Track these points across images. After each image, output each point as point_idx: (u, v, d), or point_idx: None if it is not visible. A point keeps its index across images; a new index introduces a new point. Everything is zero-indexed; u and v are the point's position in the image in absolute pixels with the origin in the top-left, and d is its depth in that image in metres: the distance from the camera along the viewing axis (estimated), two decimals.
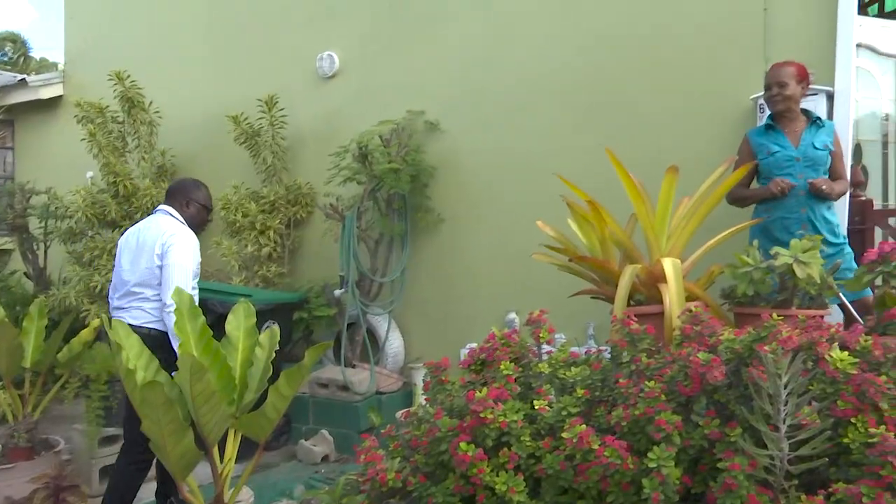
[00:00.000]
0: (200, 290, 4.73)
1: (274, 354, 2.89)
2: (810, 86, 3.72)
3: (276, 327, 2.95)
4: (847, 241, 3.64)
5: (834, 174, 3.63)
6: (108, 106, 6.36)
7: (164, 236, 3.52)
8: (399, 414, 4.56)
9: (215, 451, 2.63)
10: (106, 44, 7.47)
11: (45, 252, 6.64)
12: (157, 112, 6.47)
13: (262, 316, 4.74)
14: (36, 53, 17.14)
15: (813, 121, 3.64)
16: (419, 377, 4.97)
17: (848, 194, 3.83)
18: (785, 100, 3.59)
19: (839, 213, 3.73)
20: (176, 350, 3.02)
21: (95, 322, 4.93)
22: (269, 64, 6.24)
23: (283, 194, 5.86)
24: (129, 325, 3.18)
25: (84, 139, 6.14)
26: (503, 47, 5.16)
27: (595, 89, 4.79)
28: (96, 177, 6.38)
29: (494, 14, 5.21)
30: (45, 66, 16.08)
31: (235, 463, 2.91)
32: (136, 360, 2.64)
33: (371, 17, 5.74)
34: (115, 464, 3.54)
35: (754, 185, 3.75)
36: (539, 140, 4.97)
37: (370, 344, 5.21)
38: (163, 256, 3.48)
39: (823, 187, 3.43)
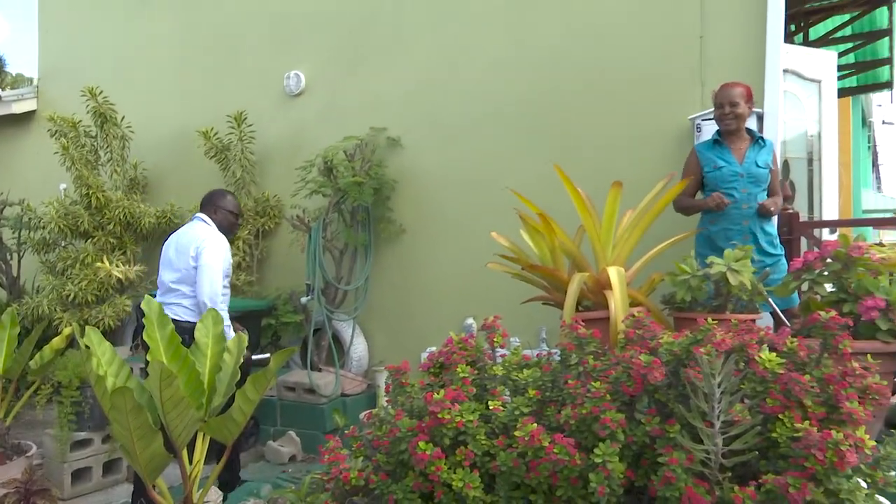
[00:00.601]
0: None
1: (242, 359, 2.86)
2: (752, 105, 3.78)
3: (243, 333, 2.92)
4: (784, 251, 3.73)
5: (772, 190, 3.72)
6: (80, 121, 6.23)
7: (197, 240, 3.85)
8: (362, 415, 4.55)
9: (184, 453, 2.59)
10: (79, 60, 7.33)
11: (19, 262, 6.46)
12: (129, 127, 6.36)
13: (232, 323, 4.70)
14: (12, 69, 16.66)
15: (756, 140, 3.71)
16: (382, 380, 4.95)
17: None
18: (736, 118, 3.66)
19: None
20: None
21: (67, 330, 4.81)
22: (238, 82, 6.19)
23: (251, 206, 5.80)
24: (172, 319, 3.41)
25: (57, 152, 6.00)
26: (459, 70, 5.20)
27: (545, 109, 4.85)
28: (69, 189, 6.23)
29: (450, 39, 5.24)
30: (20, 80, 15.66)
31: (204, 464, 2.86)
32: (108, 366, 2.59)
33: (336, 40, 5.73)
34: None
35: (699, 195, 3.82)
36: (494, 156, 5.01)
37: (335, 349, 5.18)
38: (197, 258, 3.80)
39: (772, 209, 3.54)
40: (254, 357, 4.17)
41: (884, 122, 20.06)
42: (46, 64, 7.80)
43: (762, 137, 3.73)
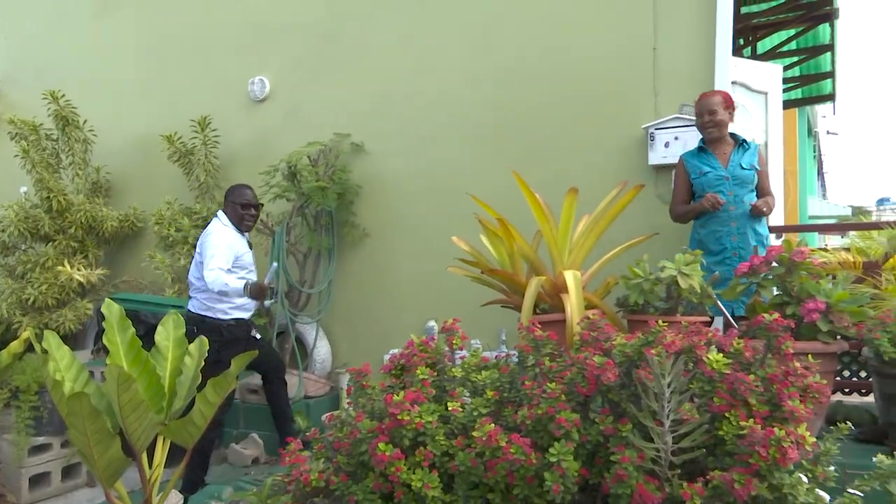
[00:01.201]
0: (132, 301, 4.59)
1: (203, 363, 2.81)
2: (733, 111, 3.80)
3: (204, 337, 2.87)
4: None
5: (762, 191, 3.75)
6: (41, 124, 6.08)
7: (203, 236, 4.09)
8: (324, 417, 4.51)
9: (144, 457, 2.53)
10: (41, 63, 7.13)
11: None
12: (91, 130, 6.23)
13: None
14: None
15: (740, 143, 3.74)
16: (345, 382, 4.92)
17: None
18: (717, 126, 3.69)
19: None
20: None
21: (25, 334, 4.67)
22: (202, 86, 6.10)
23: (215, 210, 5.70)
24: (187, 311, 4.00)
25: (17, 155, 5.84)
26: (423, 77, 5.20)
27: (507, 118, 4.88)
28: (30, 192, 6.07)
29: (415, 47, 5.25)
30: None
31: (165, 468, 2.80)
32: (65, 371, 2.52)
33: (301, 46, 5.69)
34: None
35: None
36: (456, 162, 5.03)
37: (299, 351, 5.12)
38: (201, 253, 4.02)
39: (764, 209, 3.57)
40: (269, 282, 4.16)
41: (828, 133, 20.66)
42: (6, 67, 7.58)
43: (745, 140, 3.75)
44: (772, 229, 4.50)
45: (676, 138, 4.21)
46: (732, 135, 3.78)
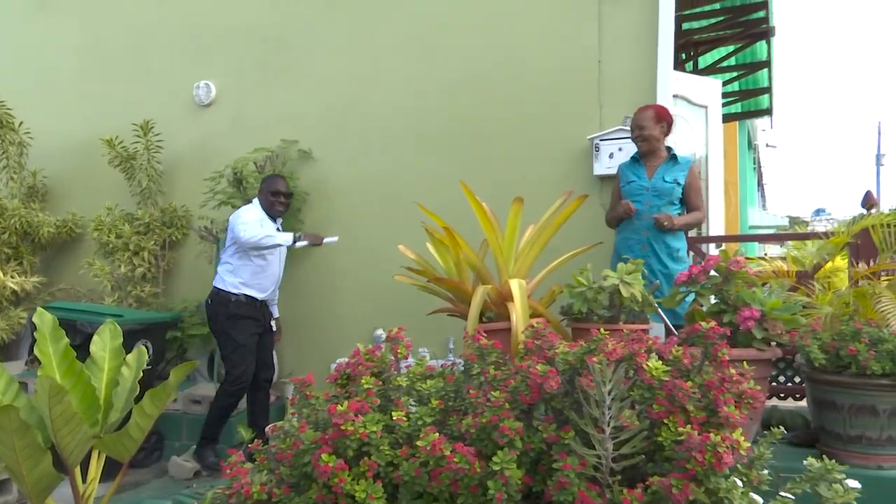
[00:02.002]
0: (68, 310, 4.44)
1: (142, 374, 2.73)
2: (668, 125, 3.88)
3: (143, 347, 2.79)
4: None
5: (689, 206, 3.83)
6: None
7: (233, 215, 4.42)
8: (267, 428, 4.43)
9: (77, 472, 2.45)
10: None
11: None
12: (27, 132, 6.01)
13: (135, 335, 4.50)
14: None
15: (670, 157, 3.84)
16: (291, 392, 4.84)
17: None
18: (646, 140, 3.80)
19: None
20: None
21: None
22: (145, 90, 5.96)
23: (158, 216, 5.58)
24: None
25: None
26: (371, 84, 5.20)
27: (455, 127, 4.91)
28: None
29: (363, 52, 5.24)
30: None
31: (100, 482, 2.71)
32: None
33: (248, 50, 5.62)
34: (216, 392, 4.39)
35: None
36: (403, 171, 5.03)
37: None
38: (232, 229, 4.33)
39: (664, 223, 3.64)
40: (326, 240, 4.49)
41: (767, 146, 21.40)
42: None
43: (676, 155, 3.85)
44: (712, 239, 4.63)
45: (620, 149, 4.30)
46: (669, 148, 3.87)
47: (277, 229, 4.45)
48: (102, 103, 6.12)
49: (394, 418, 2.32)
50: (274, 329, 4.67)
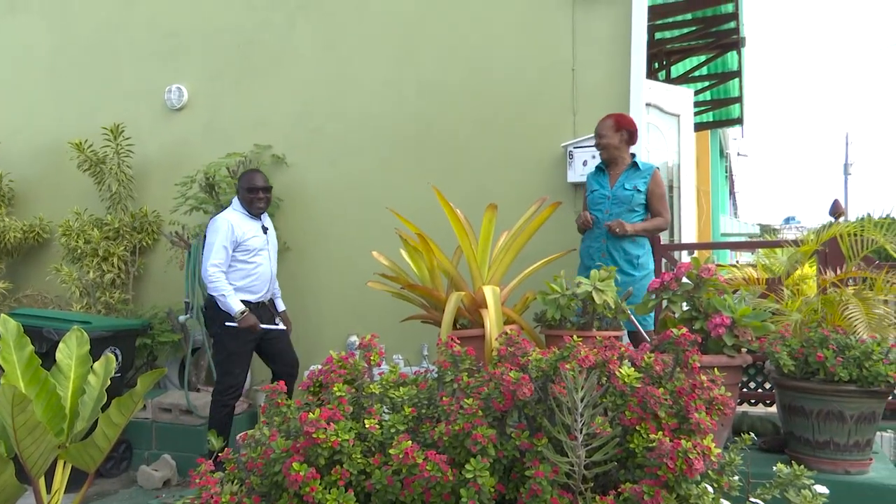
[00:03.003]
0: (34, 317, 4.36)
1: (109, 382, 2.68)
2: (630, 132, 3.89)
3: (111, 354, 2.74)
4: (652, 271, 3.90)
5: (651, 212, 3.85)
6: None
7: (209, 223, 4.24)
8: (238, 437, 4.38)
9: (42, 482, 2.39)
10: None
11: None
12: None
13: (103, 343, 4.42)
14: None
15: (631, 165, 3.86)
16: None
17: None
18: (605, 148, 3.83)
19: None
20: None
21: None
22: (116, 93, 5.87)
23: (128, 222, 5.49)
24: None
25: None
26: (344, 89, 5.18)
27: (429, 133, 4.91)
28: None
29: (336, 58, 5.22)
30: None
31: (66, 493, 2.65)
32: None
33: (221, 54, 5.57)
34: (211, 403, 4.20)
35: None
36: (377, 177, 5.01)
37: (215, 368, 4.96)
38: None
39: (616, 229, 3.67)
40: (263, 327, 4.19)
41: (739, 154, 21.74)
42: None
43: (637, 162, 3.87)
44: (684, 246, 4.68)
45: (594, 157, 4.31)
46: (633, 156, 3.91)
47: (263, 227, 4.31)
48: (72, 106, 6.02)
49: (366, 426, 2.31)
50: (280, 324, 4.44)
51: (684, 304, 3.08)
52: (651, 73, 7.32)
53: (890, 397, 3.02)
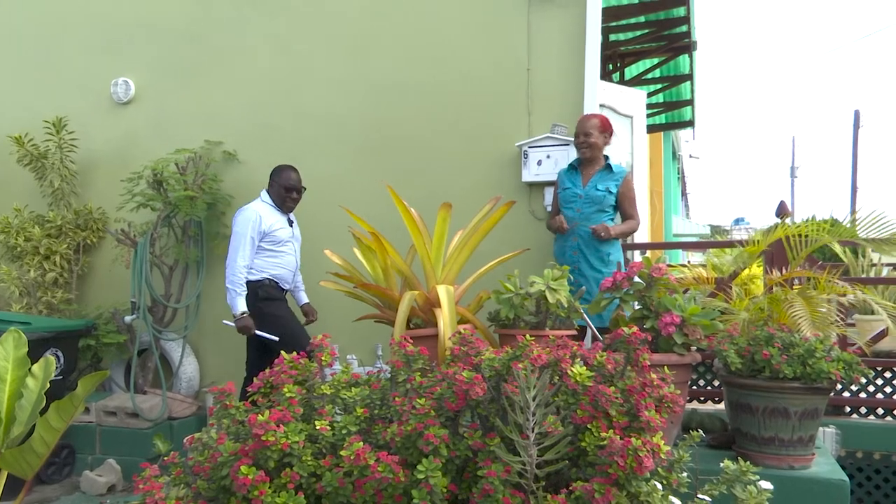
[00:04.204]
0: None
1: (49, 385, 2.58)
2: (610, 135, 3.97)
3: (51, 356, 2.65)
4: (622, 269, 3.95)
5: (622, 214, 3.93)
6: None
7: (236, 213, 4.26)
8: (185, 440, 4.29)
9: None
10: None
11: None
12: None
13: (44, 344, 4.29)
14: None
15: (605, 166, 3.92)
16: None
17: None
18: (590, 147, 3.88)
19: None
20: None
21: None
22: (59, 85, 5.68)
23: (71, 219, 5.33)
24: None
25: None
26: (298, 86, 5.12)
27: (381, 130, 4.89)
28: None
29: (289, 53, 5.15)
30: None
31: (2, 501, 2.55)
32: None
33: (170, 46, 5.44)
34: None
35: None
36: (332, 174, 4.96)
37: (163, 370, 4.85)
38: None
39: (601, 233, 3.72)
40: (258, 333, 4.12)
41: (691, 157, 22.20)
42: None
43: (611, 165, 3.93)
44: (636, 246, 4.75)
45: (548, 157, 4.37)
46: (606, 157, 3.96)
47: (290, 221, 4.33)
48: (12, 98, 5.81)
49: (317, 428, 2.28)
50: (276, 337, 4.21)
51: (636, 303, 3.13)
52: (605, 75, 7.42)
53: (832, 393, 3.11)
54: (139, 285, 4.73)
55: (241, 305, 4.05)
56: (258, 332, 4.08)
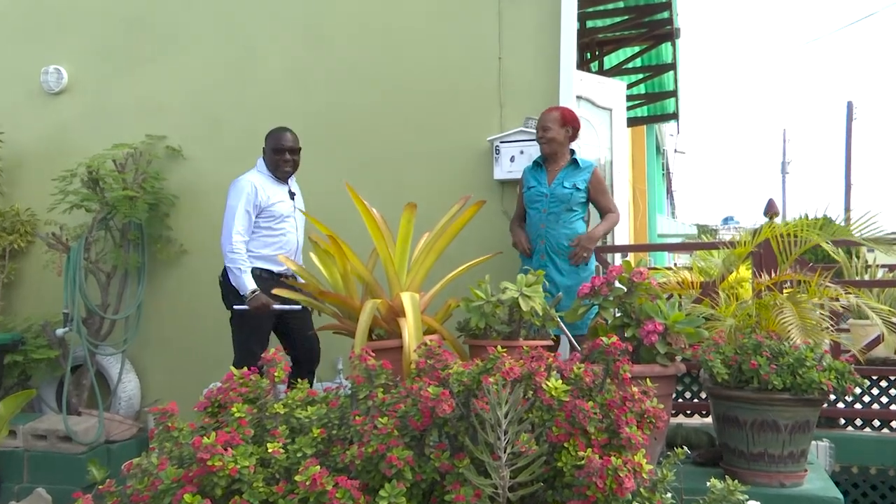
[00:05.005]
0: None
1: None
2: (574, 129, 3.99)
3: None
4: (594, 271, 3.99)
5: (598, 209, 3.97)
6: None
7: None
8: (123, 466, 4.22)
9: None
10: None
11: None
12: None
13: None
14: None
15: (571, 162, 3.94)
16: None
17: None
18: (549, 142, 3.90)
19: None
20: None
21: None
22: None
23: None
24: None
25: None
26: (248, 75, 5.07)
27: (341, 124, 4.86)
28: None
29: (241, 42, 5.10)
30: None
31: None
32: None
33: (106, 32, 5.35)
34: None
35: None
36: None
37: (100, 388, 4.76)
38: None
39: (584, 255, 3.80)
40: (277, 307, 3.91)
41: (676, 151, 22.47)
42: None
43: (577, 159, 3.96)
44: (618, 249, 4.79)
45: (522, 152, 4.37)
46: (572, 152, 3.99)
47: (290, 192, 4.19)
48: None
49: (269, 451, 2.26)
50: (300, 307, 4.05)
51: (616, 310, 3.15)
52: (583, 65, 7.48)
53: (824, 405, 3.16)
54: (72, 295, 4.63)
55: (249, 283, 3.88)
56: (279, 307, 3.90)
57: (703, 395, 4.27)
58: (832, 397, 3.69)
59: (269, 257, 4.03)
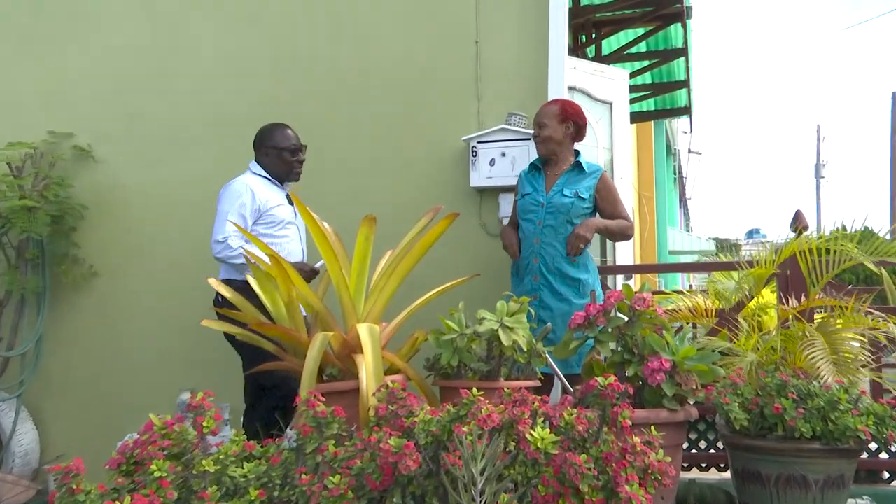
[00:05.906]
0: None
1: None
2: (578, 126, 4.01)
3: None
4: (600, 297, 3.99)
5: (614, 219, 3.96)
6: None
7: (221, 190, 4.16)
8: None
9: None
10: None
11: None
12: None
13: None
14: None
15: (574, 166, 3.96)
16: None
17: None
18: (544, 142, 3.93)
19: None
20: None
21: None
22: None
23: None
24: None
25: None
26: (173, 62, 5.11)
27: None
28: None
29: (161, 19, 5.14)
30: None
31: None
32: None
33: (3, 6, 5.34)
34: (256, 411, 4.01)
35: None
36: (216, 178, 4.85)
37: None
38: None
39: (581, 245, 3.78)
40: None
41: (690, 152, 22.57)
42: None
43: (581, 163, 3.97)
44: (620, 270, 4.84)
45: (504, 154, 4.40)
46: (577, 153, 4.03)
47: (288, 196, 4.18)
48: None
49: None
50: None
51: (615, 344, 3.17)
52: (576, 49, 7.57)
53: (862, 456, 3.20)
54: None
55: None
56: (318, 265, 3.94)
57: (721, 445, 4.31)
58: (873, 446, 3.76)
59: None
